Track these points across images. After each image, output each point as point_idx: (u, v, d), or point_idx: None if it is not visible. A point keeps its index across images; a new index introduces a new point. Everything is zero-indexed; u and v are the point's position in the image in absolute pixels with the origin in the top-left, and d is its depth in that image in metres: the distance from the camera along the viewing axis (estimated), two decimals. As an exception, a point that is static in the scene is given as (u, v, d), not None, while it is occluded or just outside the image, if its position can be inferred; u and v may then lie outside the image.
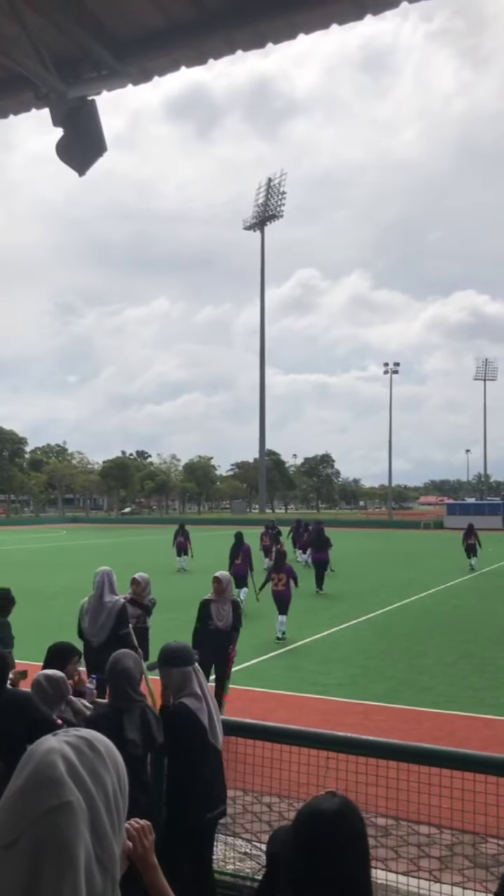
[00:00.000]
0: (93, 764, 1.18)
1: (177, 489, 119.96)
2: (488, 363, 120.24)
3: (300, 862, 1.60)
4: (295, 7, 3.48)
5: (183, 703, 3.81)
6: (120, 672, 3.80)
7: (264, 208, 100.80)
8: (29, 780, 1.13)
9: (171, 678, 3.88)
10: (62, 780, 1.12)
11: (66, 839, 1.09)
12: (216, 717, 3.92)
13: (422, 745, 3.94)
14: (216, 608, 8.44)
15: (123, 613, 7.55)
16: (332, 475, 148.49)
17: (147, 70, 3.84)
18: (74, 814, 1.11)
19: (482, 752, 4.34)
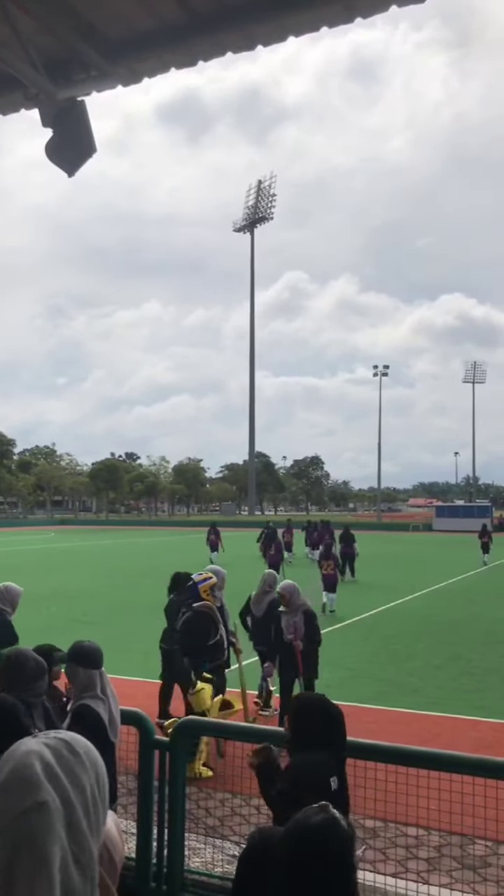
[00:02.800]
0: (71, 766, 1.19)
1: (166, 491, 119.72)
2: (477, 366, 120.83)
3: (285, 879, 1.58)
4: (284, 10, 3.49)
5: (86, 703, 3.92)
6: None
7: (254, 210, 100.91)
8: (6, 782, 1.15)
9: (78, 677, 4.00)
10: (38, 782, 1.14)
11: (39, 840, 1.11)
12: (116, 715, 4.04)
13: (410, 747, 3.95)
14: (286, 620, 7.77)
15: None
16: (322, 477, 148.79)
17: (136, 71, 3.83)
18: (50, 814, 1.13)
19: (470, 753, 4.35)
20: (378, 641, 13.40)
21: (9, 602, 6.97)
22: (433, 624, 15.06)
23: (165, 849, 4.27)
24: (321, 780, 2.99)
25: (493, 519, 63.58)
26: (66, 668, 4.06)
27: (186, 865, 4.28)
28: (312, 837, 1.56)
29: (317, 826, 1.57)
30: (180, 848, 4.25)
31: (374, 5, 3.41)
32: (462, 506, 79.32)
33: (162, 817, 4.31)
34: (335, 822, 1.58)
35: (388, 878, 4.38)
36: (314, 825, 1.57)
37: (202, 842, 4.97)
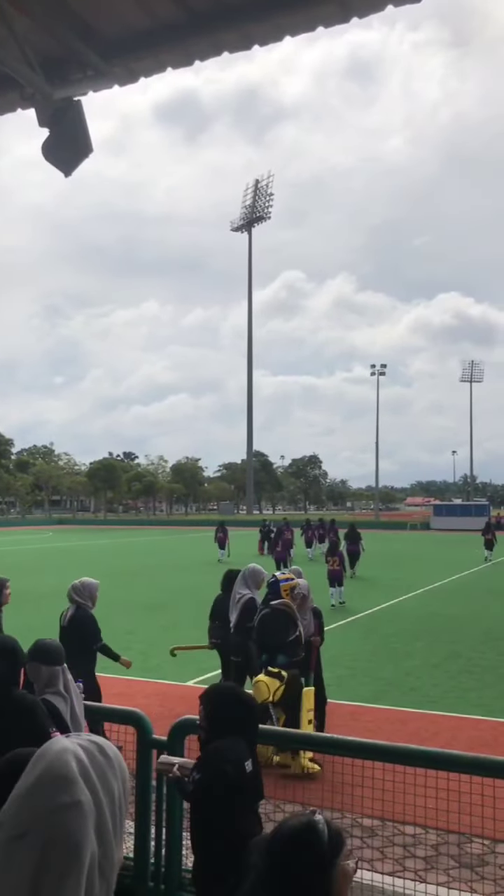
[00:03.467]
0: (103, 768, 1.18)
1: (164, 490, 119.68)
2: (474, 365, 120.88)
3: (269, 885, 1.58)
4: (281, 9, 3.49)
5: (46, 699, 3.95)
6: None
7: (251, 210, 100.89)
8: (41, 777, 1.13)
9: (40, 674, 4.02)
10: (75, 779, 1.13)
11: (74, 837, 1.10)
12: (78, 711, 4.11)
13: (407, 745, 3.95)
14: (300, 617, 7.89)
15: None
16: (320, 476, 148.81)
17: (133, 71, 3.83)
18: (84, 814, 1.12)
19: (468, 752, 4.35)
20: (377, 640, 13.42)
21: (87, 596, 7.20)
22: (432, 622, 15.08)
23: (163, 848, 4.28)
24: (238, 764, 3.18)
25: (491, 517, 63.66)
26: (28, 667, 4.06)
27: (184, 865, 4.28)
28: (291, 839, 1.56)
29: (295, 828, 1.57)
30: (178, 847, 4.26)
31: (370, 5, 3.41)
32: (460, 505, 79.37)
33: (160, 817, 4.31)
34: (314, 824, 1.59)
35: (385, 876, 4.39)
36: (292, 827, 1.57)
37: (200, 841, 4.97)
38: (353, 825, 5.09)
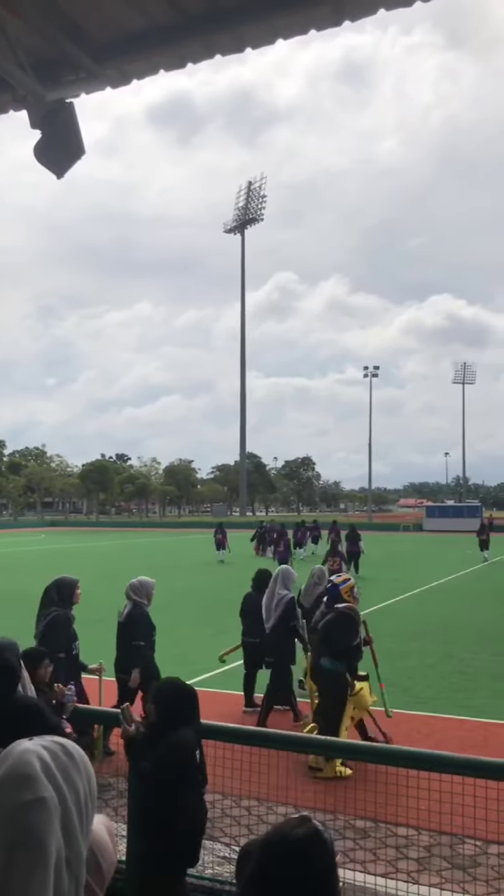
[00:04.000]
0: (66, 767, 1.20)
1: (157, 492, 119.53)
2: (467, 367, 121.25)
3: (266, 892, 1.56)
4: (274, 12, 3.50)
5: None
6: None
7: (245, 211, 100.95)
8: (4, 778, 1.15)
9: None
10: (37, 777, 1.15)
11: (39, 833, 1.12)
12: None
13: (399, 747, 3.96)
14: None
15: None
16: (313, 478, 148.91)
17: (126, 73, 3.83)
18: (48, 810, 1.14)
19: (459, 753, 4.36)
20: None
21: (144, 594, 7.40)
22: (426, 623, 15.10)
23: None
24: (190, 754, 3.40)
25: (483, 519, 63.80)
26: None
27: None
28: (297, 851, 1.53)
29: (300, 839, 1.54)
30: (171, 850, 4.24)
31: (362, 8, 3.42)
32: (452, 506, 79.53)
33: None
34: (318, 833, 1.56)
35: (378, 878, 4.39)
36: (297, 838, 1.54)
37: (193, 843, 4.96)
38: (345, 826, 5.09)
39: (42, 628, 6.63)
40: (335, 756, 4.36)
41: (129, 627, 7.35)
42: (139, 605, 7.42)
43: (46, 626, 6.60)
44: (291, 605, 8.39)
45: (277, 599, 8.43)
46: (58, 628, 6.59)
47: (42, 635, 6.54)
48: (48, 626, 6.58)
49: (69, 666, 6.48)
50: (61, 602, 6.78)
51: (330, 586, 7.79)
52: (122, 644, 7.44)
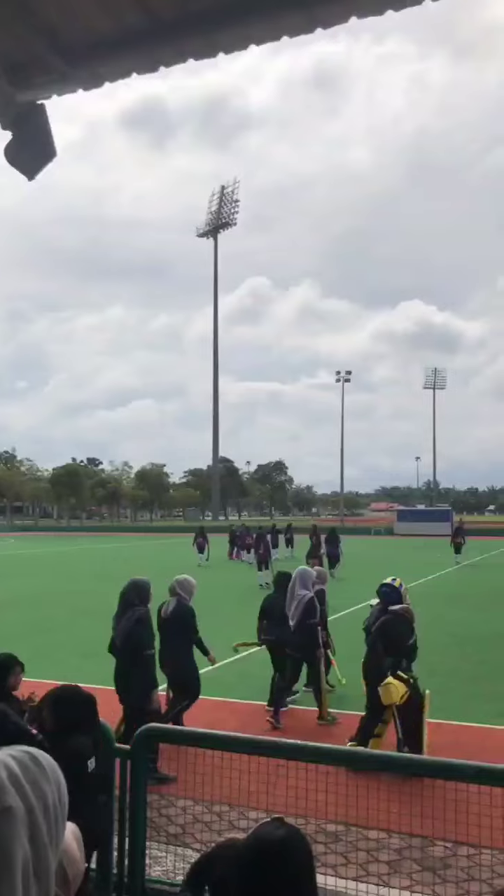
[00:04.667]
0: (35, 777, 1.18)
1: (128, 497, 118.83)
2: (437, 372, 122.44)
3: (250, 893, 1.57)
4: (247, 18, 3.51)
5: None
6: None
7: (217, 216, 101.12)
8: None
9: None
10: (4, 787, 1.13)
11: (4, 844, 1.10)
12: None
13: (371, 751, 3.97)
14: None
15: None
16: (286, 482, 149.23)
17: (98, 75, 3.81)
18: (14, 819, 1.12)
19: (429, 756, 4.40)
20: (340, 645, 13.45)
21: (188, 591, 7.76)
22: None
23: (126, 858, 4.24)
24: (81, 763, 3.37)
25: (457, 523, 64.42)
26: None
27: (147, 874, 4.25)
28: (278, 852, 1.55)
29: (280, 841, 1.56)
30: (141, 857, 4.22)
31: (334, 16, 3.45)
32: (423, 510, 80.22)
33: (123, 826, 4.27)
34: (296, 834, 1.59)
35: (349, 881, 4.40)
36: (277, 840, 1.56)
37: (164, 850, 4.93)
38: (316, 831, 5.09)
39: (129, 627, 6.92)
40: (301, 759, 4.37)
41: (175, 623, 7.79)
42: (183, 601, 7.92)
43: (134, 624, 6.91)
44: (311, 604, 8.90)
45: (298, 599, 8.94)
46: (144, 626, 6.95)
47: (129, 634, 6.89)
48: (136, 625, 6.91)
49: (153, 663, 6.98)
50: (141, 602, 7.10)
51: (386, 589, 8.02)
52: (168, 639, 7.82)
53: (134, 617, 6.94)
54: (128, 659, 6.87)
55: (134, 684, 6.79)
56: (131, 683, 6.82)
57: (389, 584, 7.95)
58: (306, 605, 8.87)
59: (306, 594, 8.97)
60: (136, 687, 6.78)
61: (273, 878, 1.54)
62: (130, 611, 7.02)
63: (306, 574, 9.32)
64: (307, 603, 8.88)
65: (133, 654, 6.82)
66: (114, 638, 7.14)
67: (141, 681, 6.76)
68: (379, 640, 7.54)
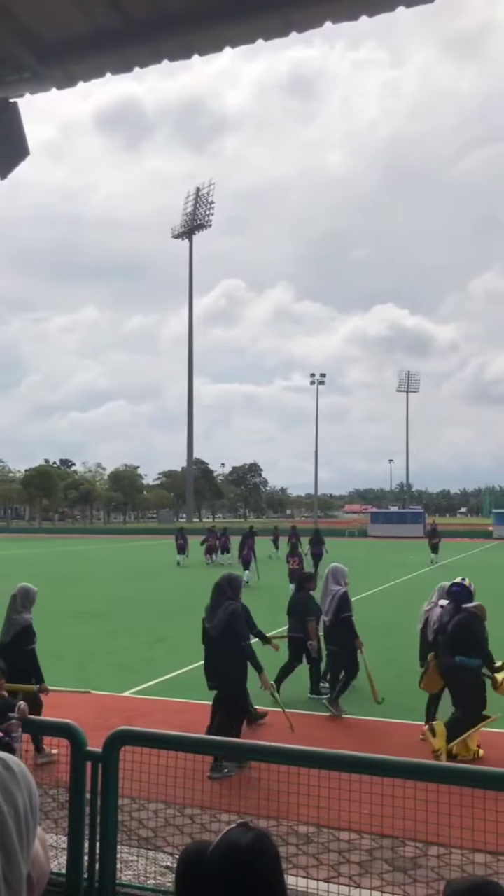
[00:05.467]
0: (5, 782, 1.17)
1: (102, 499, 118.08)
2: (411, 375, 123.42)
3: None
4: (221, 20, 3.51)
5: None
6: None
7: (192, 217, 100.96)
8: None
9: None
10: None
11: None
12: None
13: (341, 751, 3.98)
14: None
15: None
16: (260, 484, 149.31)
17: (71, 74, 3.79)
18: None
19: (401, 757, 4.42)
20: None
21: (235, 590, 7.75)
22: (368, 627, 15.19)
23: (97, 863, 4.20)
24: None
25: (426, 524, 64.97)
26: None
27: (118, 878, 4.22)
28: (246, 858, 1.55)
29: (248, 846, 1.56)
30: (112, 861, 4.19)
31: (309, 20, 3.46)
32: (396, 512, 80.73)
33: (94, 830, 4.24)
34: (264, 837, 1.59)
35: (320, 882, 4.41)
36: (246, 846, 1.56)
37: (135, 854, 4.91)
38: (288, 832, 5.10)
39: (226, 619, 7.29)
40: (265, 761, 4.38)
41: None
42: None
43: (230, 616, 7.30)
44: (345, 599, 9.35)
45: (332, 595, 9.41)
46: (239, 618, 7.36)
47: (226, 625, 7.27)
48: (232, 616, 7.31)
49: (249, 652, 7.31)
50: (234, 595, 7.52)
51: (457, 588, 8.22)
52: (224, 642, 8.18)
53: (230, 609, 7.34)
54: (224, 648, 7.26)
55: (229, 673, 7.24)
56: (226, 672, 7.26)
57: (460, 584, 8.21)
58: (340, 599, 9.31)
59: (340, 589, 9.40)
60: (232, 675, 7.24)
61: (243, 884, 1.54)
62: (225, 603, 7.41)
63: (339, 571, 9.73)
64: (340, 598, 9.32)
65: (230, 643, 7.23)
66: (208, 629, 7.49)
67: (236, 669, 7.23)
68: (457, 637, 7.82)
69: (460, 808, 3.87)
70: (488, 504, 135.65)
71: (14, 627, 7.40)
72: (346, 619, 9.30)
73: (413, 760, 4.17)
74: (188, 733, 5.33)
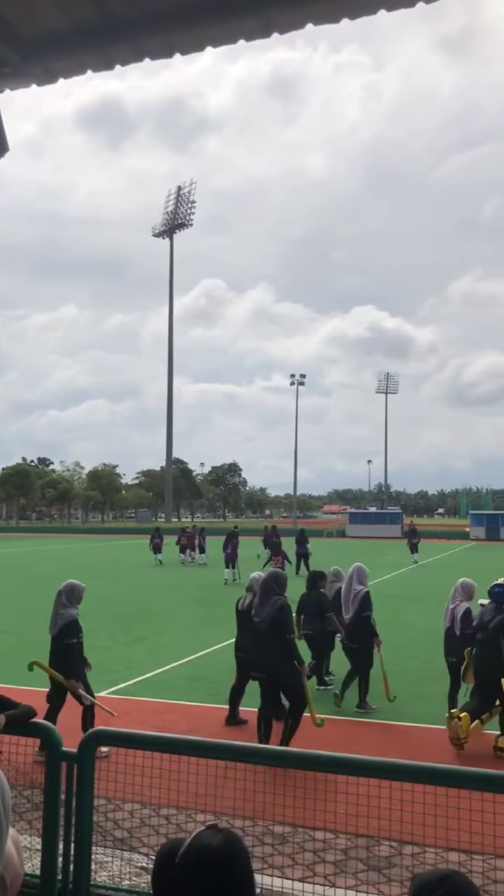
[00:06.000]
0: None
1: (80, 498, 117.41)
2: (390, 377, 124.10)
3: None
4: (203, 19, 3.50)
5: None
6: None
7: (174, 216, 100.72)
8: None
9: None
10: None
11: None
12: None
13: (317, 752, 3.99)
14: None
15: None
16: (239, 484, 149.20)
17: (51, 71, 3.76)
18: None
19: (375, 756, 4.44)
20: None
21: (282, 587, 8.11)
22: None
23: (71, 864, 4.18)
24: None
25: (404, 525, 65.33)
26: None
27: (93, 880, 4.20)
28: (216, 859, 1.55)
29: (218, 848, 1.56)
30: (87, 862, 4.17)
31: (290, 22, 3.47)
32: (374, 513, 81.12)
33: (68, 831, 4.21)
34: (234, 839, 1.59)
35: (295, 882, 4.42)
36: (216, 848, 1.56)
37: (110, 855, 4.89)
38: (264, 833, 5.11)
39: (274, 613, 7.76)
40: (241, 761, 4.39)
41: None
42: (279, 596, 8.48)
43: (278, 610, 7.78)
44: (367, 599, 9.68)
45: (354, 594, 9.72)
46: (287, 613, 7.87)
47: (274, 619, 7.72)
48: (280, 611, 7.79)
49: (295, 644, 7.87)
50: (280, 591, 7.96)
51: (499, 589, 8.40)
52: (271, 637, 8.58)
53: (278, 604, 7.82)
54: (272, 640, 7.69)
55: (282, 664, 7.67)
56: (278, 662, 7.67)
57: (502, 585, 8.43)
58: (362, 598, 9.63)
59: (362, 589, 9.74)
60: (285, 666, 7.67)
61: (213, 886, 1.54)
62: (272, 598, 7.87)
63: (362, 571, 10.04)
64: (363, 597, 9.64)
65: (277, 636, 7.67)
66: (256, 622, 7.94)
67: (288, 660, 7.66)
68: (500, 636, 8.12)
69: (435, 807, 3.90)
70: (465, 505, 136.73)
71: (61, 621, 7.91)
72: (367, 617, 9.64)
73: (387, 760, 4.20)
74: (164, 733, 5.32)
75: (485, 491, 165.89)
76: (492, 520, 65.11)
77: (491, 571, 31.49)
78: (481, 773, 3.76)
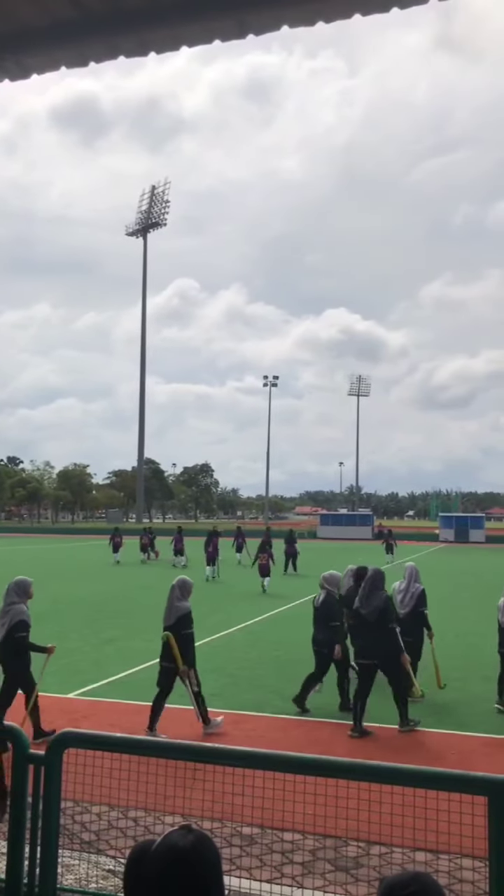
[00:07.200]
0: None
1: (50, 497, 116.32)
2: (362, 380, 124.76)
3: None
4: (178, 19, 3.50)
5: None
6: None
7: (147, 215, 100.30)
8: None
9: None
10: None
11: None
12: None
13: (284, 753, 4.00)
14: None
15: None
16: (211, 485, 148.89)
17: (25, 66, 3.73)
18: None
19: (345, 758, 4.46)
20: (262, 648, 13.54)
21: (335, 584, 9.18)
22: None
23: (37, 867, 4.13)
24: None
25: (374, 527, 65.72)
26: None
27: (59, 883, 4.15)
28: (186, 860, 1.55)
29: (189, 848, 1.57)
30: (53, 865, 4.13)
31: (265, 24, 3.48)
32: (345, 514, 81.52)
33: (34, 835, 4.16)
34: (205, 839, 1.59)
35: (263, 883, 4.42)
36: (186, 848, 1.56)
37: (77, 857, 4.85)
38: (232, 834, 5.10)
39: (381, 606, 8.64)
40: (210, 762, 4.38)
41: (325, 611, 9.55)
42: (331, 594, 9.65)
43: (384, 604, 8.68)
44: (423, 596, 10.39)
45: (412, 591, 10.44)
46: (391, 605, 8.85)
47: (381, 611, 8.60)
48: (386, 604, 8.70)
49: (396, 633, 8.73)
50: (382, 587, 8.85)
51: None
52: (320, 625, 9.63)
53: (383, 597, 8.77)
54: (380, 629, 8.54)
55: (388, 649, 8.53)
56: (384, 649, 8.51)
57: None
58: (420, 596, 10.38)
59: (419, 587, 10.48)
60: (391, 652, 8.55)
61: (182, 886, 1.54)
62: (378, 593, 8.79)
63: (417, 571, 10.77)
64: (420, 594, 10.39)
65: (384, 625, 8.57)
66: (364, 614, 8.70)
67: (394, 646, 8.58)
68: None
69: (402, 807, 3.92)
70: (435, 508, 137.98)
71: (175, 613, 8.54)
72: (422, 613, 10.29)
73: (356, 761, 4.22)
74: (132, 735, 5.29)
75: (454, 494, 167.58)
76: (461, 522, 65.77)
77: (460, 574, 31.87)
78: (446, 774, 3.80)
